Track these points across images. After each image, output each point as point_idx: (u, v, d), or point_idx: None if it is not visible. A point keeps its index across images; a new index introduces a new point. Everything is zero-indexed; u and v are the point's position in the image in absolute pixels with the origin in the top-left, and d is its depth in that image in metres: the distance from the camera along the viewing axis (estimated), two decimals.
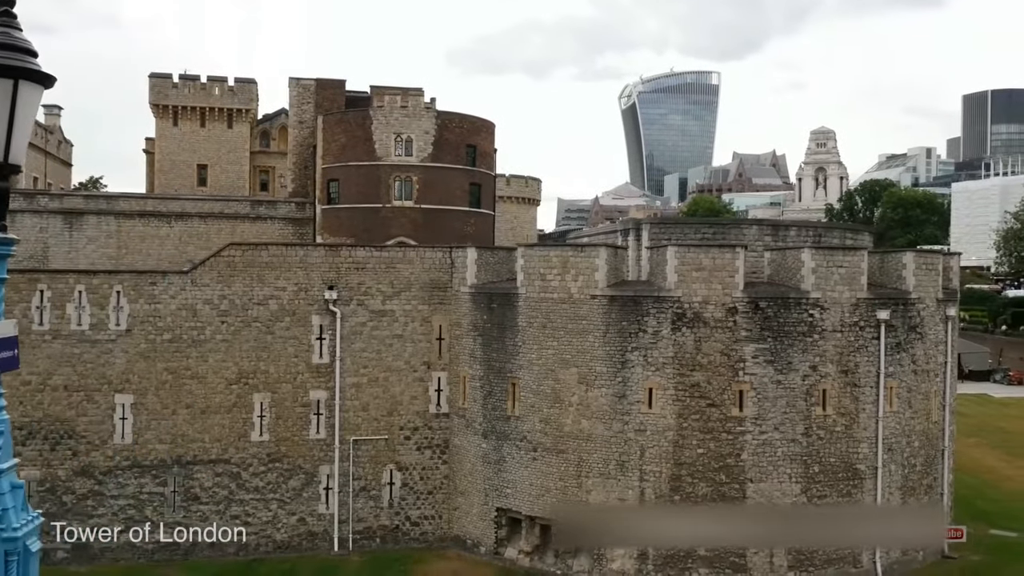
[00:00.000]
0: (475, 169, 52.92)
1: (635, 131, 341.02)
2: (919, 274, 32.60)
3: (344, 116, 52.28)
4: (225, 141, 71.28)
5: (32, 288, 32.19)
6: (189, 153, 70.69)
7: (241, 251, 33.79)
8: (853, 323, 31.14)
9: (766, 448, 30.48)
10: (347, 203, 51.69)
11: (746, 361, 30.39)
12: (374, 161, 50.68)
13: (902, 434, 32.27)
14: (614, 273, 31.84)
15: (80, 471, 32.47)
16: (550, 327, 31.86)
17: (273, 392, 33.66)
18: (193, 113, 70.57)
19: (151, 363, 32.88)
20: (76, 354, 32.43)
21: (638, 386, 30.73)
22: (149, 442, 32.90)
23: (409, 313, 34.62)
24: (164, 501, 33.01)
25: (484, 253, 34.70)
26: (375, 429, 34.37)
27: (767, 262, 32.39)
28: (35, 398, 32.17)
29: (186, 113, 70.34)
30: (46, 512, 32.08)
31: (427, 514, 34.90)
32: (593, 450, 31.24)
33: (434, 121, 50.98)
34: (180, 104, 70.16)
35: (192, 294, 33.15)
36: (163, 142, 70.22)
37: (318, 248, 34.64)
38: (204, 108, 70.52)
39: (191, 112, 70.43)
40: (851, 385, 31.18)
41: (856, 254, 31.45)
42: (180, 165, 70.57)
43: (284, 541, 33.74)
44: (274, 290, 33.64)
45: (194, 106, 70.40)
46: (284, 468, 33.79)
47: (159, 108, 69.90)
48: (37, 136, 64.28)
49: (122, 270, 36.01)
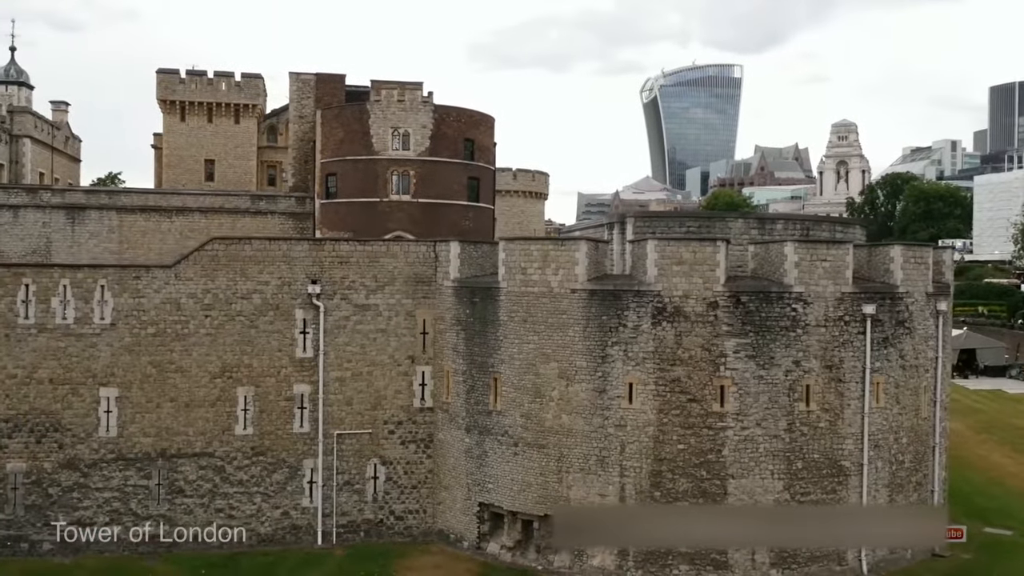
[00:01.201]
0: (473, 163, 52.79)
1: (657, 125, 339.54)
2: (907, 268, 32.04)
3: (342, 110, 52.33)
4: (232, 136, 71.58)
5: (17, 282, 32.45)
6: (196, 148, 71.05)
7: (224, 245, 33.86)
8: (838, 318, 30.68)
9: (748, 444, 30.12)
10: (345, 197, 51.76)
11: (727, 356, 30.02)
12: (372, 155, 50.72)
13: (889, 430, 31.77)
14: (595, 267, 31.57)
15: (66, 464, 32.72)
16: (531, 321, 31.67)
17: (257, 386, 33.73)
18: (200, 108, 70.93)
19: (135, 357, 33.06)
20: (61, 348, 32.68)
21: (618, 381, 30.47)
22: (134, 435, 33.09)
23: (393, 307, 34.56)
24: (149, 494, 33.20)
25: (467, 247, 34.54)
26: (359, 423, 34.35)
27: (751, 256, 31.98)
28: (21, 391, 32.45)
29: (193, 108, 70.72)
30: (32, 504, 32.56)
31: (411, 508, 34.86)
32: (574, 445, 31.03)
33: (431, 115, 50.91)
34: (187, 99, 70.52)
35: (176, 288, 33.28)
36: (171, 137, 70.65)
37: (301, 242, 34.65)
38: (211, 103, 70.84)
39: (198, 107, 70.79)
40: (836, 380, 30.73)
41: (841, 247, 30.94)
42: (188, 160, 70.97)
43: (268, 534, 33.83)
44: (257, 284, 33.69)
45: (201, 101, 70.73)
46: (268, 462, 33.87)
47: (166, 104, 70.34)
48: (44, 132, 64.84)
49: (105, 264, 36.29)
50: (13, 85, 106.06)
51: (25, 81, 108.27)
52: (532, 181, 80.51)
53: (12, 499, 32.42)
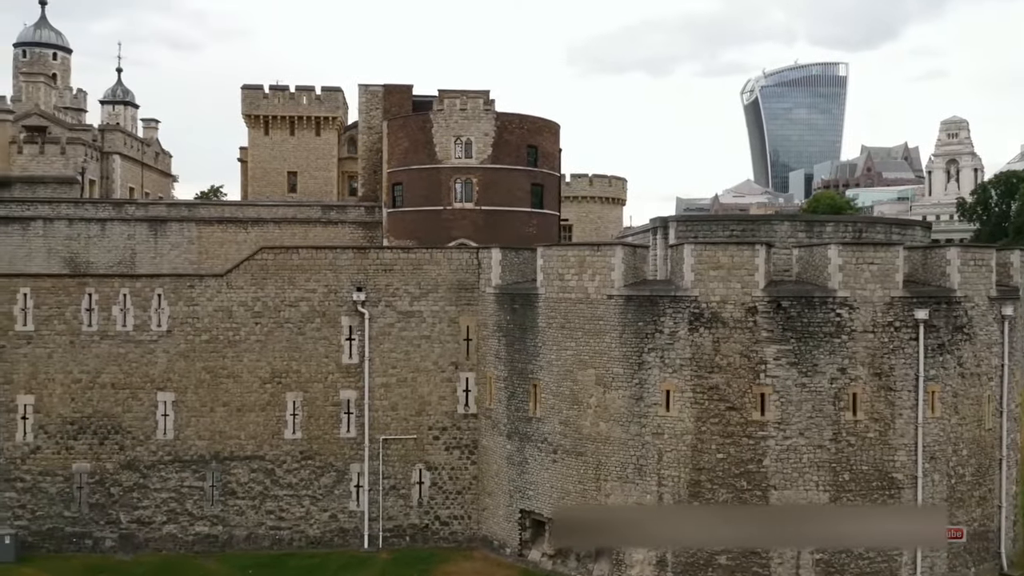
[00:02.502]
0: (536, 170, 52.77)
1: (758, 127, 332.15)
2: (965, 271, 30.41)
3: (407, 121, 53.12)
4: (313, 148, 73.49)
5: (81, 291, 34.18)
6: (280, 161, 73.20)
7: (273, 254, 34.87)
8: (887, 323, 29.36)
9: (791, 454, 29.13)
10: (411, 206, 52.47)
11: (767, 363, 29.12)
12: (435, 164, 51.27)
13: (947, 441, 30.19)
14: (633, 272, 31.13)
15: (126, 464, 34.25)
16: (568, 327, 31.47)
17: (305, 391, 34.57)
18: (283, 122, 73.07)
19: (190, 362, 34.35)
20: (122, 354, 34.24)
21: (655, 388, 29.94)
22: (189, 438, 34.38)
23: (436, 314, 34.90)
24: (203, 495, 34.41)
25: (509, 253, 34.60)
26: (404, 429, 34.80)
27: (795, 260, 30.96)
28: (85, 395, 34.15)
29: (276, 122, 72.90)
30: (96, 503, 34.15)
31: (456, 514, 35.06)
32: (611, 453, 30.65)
33: (493, 123, 51.15)
34: (271, 114, 72.74)
35: (228, 296, 34.44)
36: (255, 151, 73.02)
37: (346, 250, 35.29)
38: (293, 117, 72.91)
39: (281, 121, 72.95)
40: (885, 389, 29.40)
41: (890, 250, 29.60)
42: (271, 173, 73.20)
43: (317, 537, 34.58)
44: (305, 292, 34.56)
45: (284, 115, 72.90)
46: (316, 465, 34.65)
47: (251, 118, 72.72)
48: (133, 148, 68.05)
49: (162, 274, 37.80)
50: (120, 104, 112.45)
51: (131, 100, 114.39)
52: (609, 186, 79.89)
53: (78, 498, 34.11)
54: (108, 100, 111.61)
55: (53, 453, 34.03)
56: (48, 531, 33.95)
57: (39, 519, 33.94)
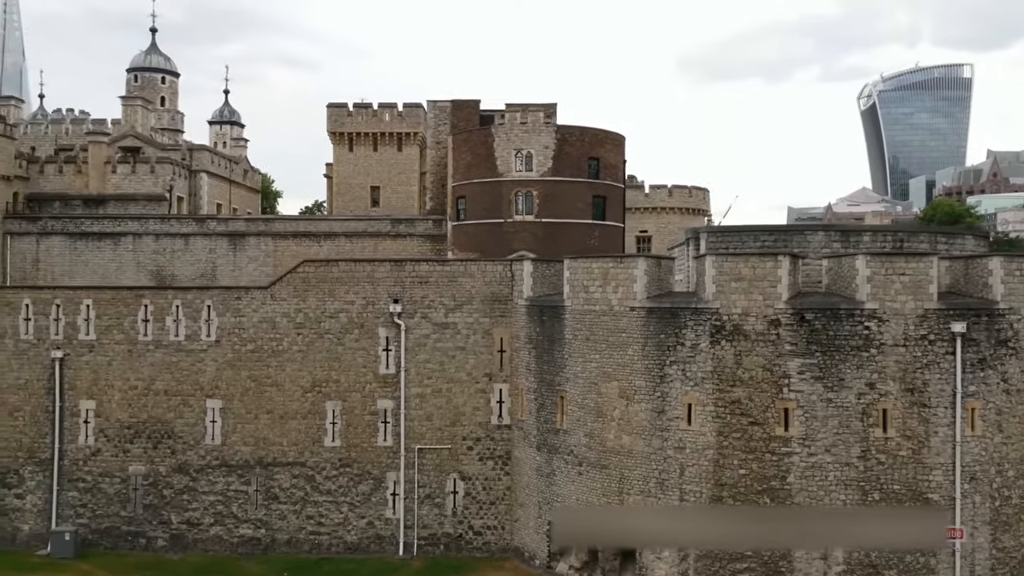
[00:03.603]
0: (598, 181, 52.54)
1: (876, 132, 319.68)
2: (1010, 281, 28.78)
3: (469, 135, 53.86)
4: (395, 163, 75.26)
5: (138, 303, 36.21)
6: (363, 176, 75.24)
7: (314, 267, 36.07)
8: (920, 336, 28.10)
9: (816, 471, 28.21)
10: (473, 219, 53.12)
11: (791, 377, 28.32)
12: (496, 177, 51.75)
13: (990, 461, 28.59)
14: (657, 284, 30.80)
15: (178, 468, 35.98)
16: (593, 339, 31.37)
17: (344, 400, 35.57)
18: (366, 138, 75.14)
19: (236, 371, 35.86)
20: (174, 362, 36.06)
21: (677, 401, 29.54)
22: (235, 444, 35.87)
23: (471, 326, 35.34)
24: (248, 499, 35.80)
25: (540, 265, 34.75)
26: (439, 438, 35.33)
27: (824, 271, 30.00)
28: (141, 401, 36.11)
29: (360, 139, 75.04)
30: (149, 504, 35.98)
31: (489, 524, 35.32)
32: (634, 467, 30.38)
33: (554, 136, 51.28)
34: (354, 131, 74.95)
35: (271, 308, 35.82)
36: (340, 167, 75.32)
37: (383, 263, 36.17)
38: (376, 133, 74.93)
39: (364, 137, 75.07)
40: (919, 405, 28.13)
41: (923, 260, 28.31)
42: (355, 188, 75.31)
43: (354, 543, 35.45)
44: (344, 304, 35.60)
45: (367, 132, 74.99)
46: (354, 473, 35.55)
47: (336, 135, 75.12)
48: (220, 167, 71.24)
49: (212, 286, 39.53)
50: (227, 124, 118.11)
51: (237, 120, 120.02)
52: (689, 197, 78.52)
53: (133, 499, 36.06)
54: (216, 120, 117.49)
55: (111, 456, 36.10)
56: (106, 529, 36.00)
57: (98, 518, 36.04)
